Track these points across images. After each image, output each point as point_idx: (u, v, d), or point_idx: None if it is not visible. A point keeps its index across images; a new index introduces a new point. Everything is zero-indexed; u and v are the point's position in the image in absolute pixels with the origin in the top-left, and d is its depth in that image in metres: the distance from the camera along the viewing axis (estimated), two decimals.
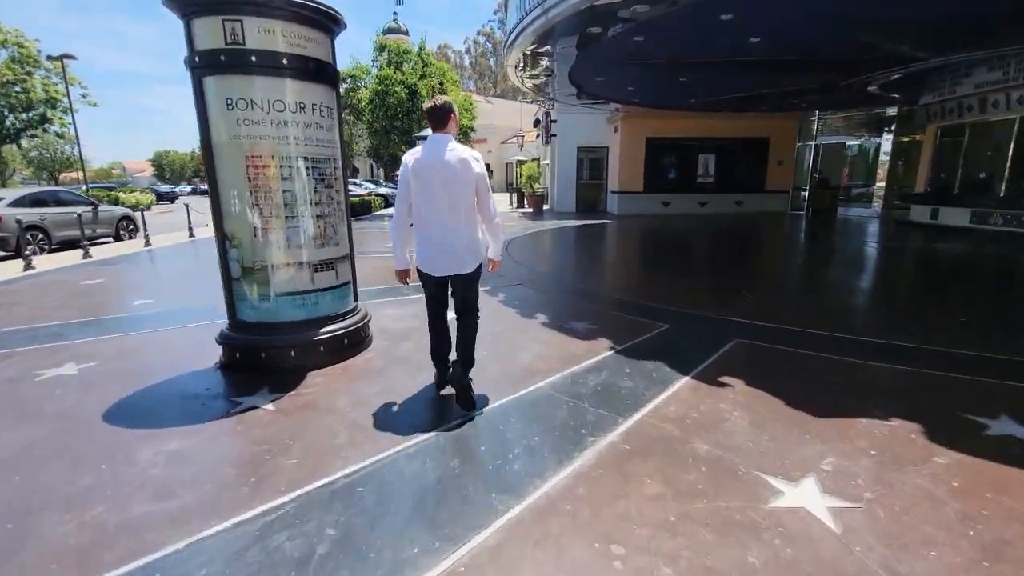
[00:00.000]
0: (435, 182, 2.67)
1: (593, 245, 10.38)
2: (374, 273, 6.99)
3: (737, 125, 15.99)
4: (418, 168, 2.69)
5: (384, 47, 16.21)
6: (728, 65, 8.52)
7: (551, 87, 11.13)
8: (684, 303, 5.16)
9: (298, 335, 3.45)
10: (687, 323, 4.55)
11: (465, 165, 2.67)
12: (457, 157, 2.66)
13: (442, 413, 2.85)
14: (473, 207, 2.77)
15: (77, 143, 22.07)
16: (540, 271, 7.11)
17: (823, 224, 13.32)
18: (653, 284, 6.32)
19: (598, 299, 5.52)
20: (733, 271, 7.41)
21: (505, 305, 5.24)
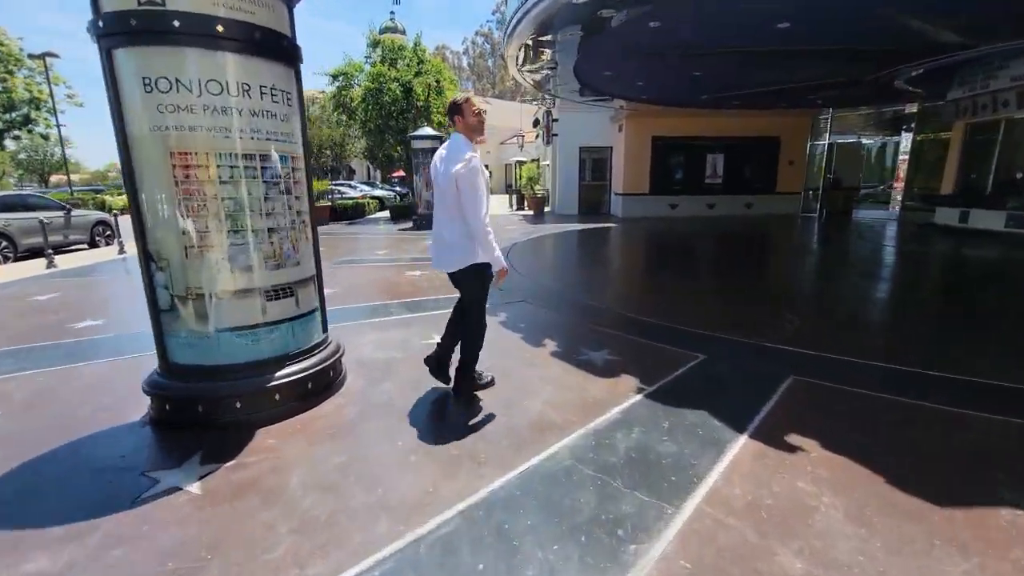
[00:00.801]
0: (434, 178, 2.88)
1: (600, 252, 9.64)
2: (362, 287, 6.25)
3: (747, 124, 15.27)
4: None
5: (378, 43, 15.48)
6: (749, 57, 7.81)
7: (553, 83, 10.43)
8: (715, 325, 4.42)
9: (246, 381, 2.71)
10: (725, 352, 3.81)
11: (446, 163, 2.73)
12: (441, 155, 2.81)
13: (426, 500, 2.11)
14: (457, 206, 2.71)
15: (61, 144, 21.28)
16: (545, 284, 6.38)
17: (840, 227, 12.60)
18: (674, 300, 5.59)
19: (614, 320, 4.79)
20: (760, 283, 6.68)
21: (508, 328, 4.50)
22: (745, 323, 4.54)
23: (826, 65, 8.41)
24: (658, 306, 5.23)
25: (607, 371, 3.46)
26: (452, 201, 2.71)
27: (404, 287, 6.11)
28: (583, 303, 5.42)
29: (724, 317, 4.76)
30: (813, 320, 4.68)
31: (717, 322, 4.54)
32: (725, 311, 5.04)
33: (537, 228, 12.94)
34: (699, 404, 2.91)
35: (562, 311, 5.13)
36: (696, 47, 7.35)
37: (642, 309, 5.09)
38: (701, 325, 4.44)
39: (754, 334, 4.18)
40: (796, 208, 16.07)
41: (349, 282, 6.58)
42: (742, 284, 6.50)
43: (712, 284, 6.53)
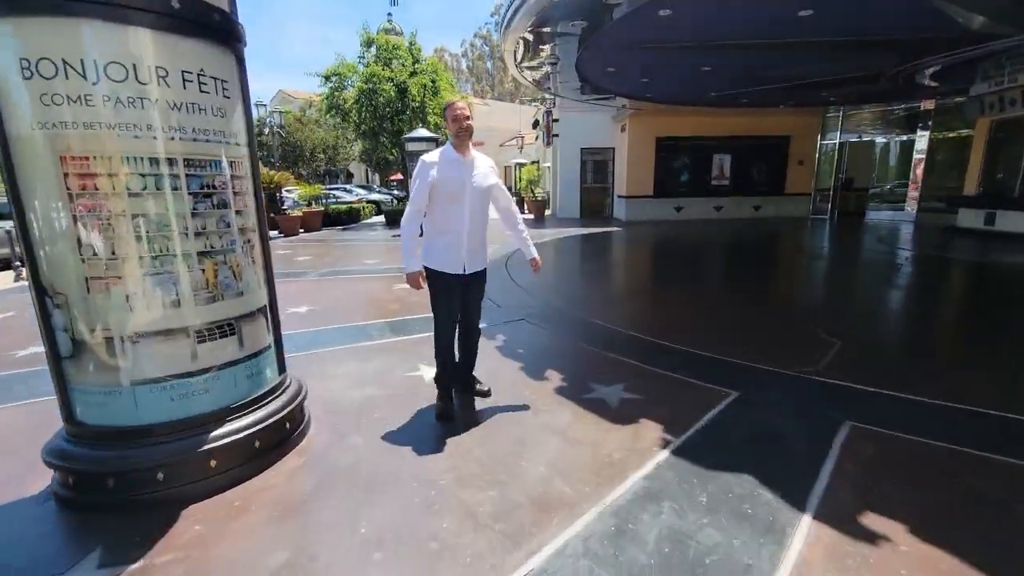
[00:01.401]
0: None
1: (605, 260, 9.07)
2: (345, 303, 5.67)
3: (755, 122, 14.71)
4: None
5: (372, 42, 14.94)
6: (764, 49, 7.26)
7: (553, 80, 9.89)
8: (742, 349, 3.85)
9: (171, 445, 2.14)
10: (760, 385, 3.24)
11: None
12: None
13: None
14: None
15: None
16: (547, 298, 5.80)
17: (855, 230, 12.03)
18: (691, 318, 5.01)
19: (625, 343, 4.21)
20: (785, 297, 6.10)
21: (505, 354, 3.92)
22: (777, 347, 3.97)
23: (847, 58, 7.85)
24: (674, 325, 4.65)
25: (624, 415, 2.88)
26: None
27: (391, 304, 5.54)
28: (589, 322, 4.84)
29: (751, 339, 4.18)
30: (855, 343, 4.10)
31: (743, 346, 3.96)
32: (750, 331, 4.46)
33: (537, 233, 12.37)
34: (742, 465, 2.33)
35: (566, 332, 4.55)
36: (708, 39, 6.80)
37: (656, 329, 4.51)
38: (726, 349, 3.87)
39: (790, 361, 3.60)
40: (806, 210, 15.49)
41: (332, 297, 6.01)
42: (764, 298, 5.92)
43: (731, 298, 5.94)
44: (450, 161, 2.69)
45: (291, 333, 4.49)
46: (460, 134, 2.68)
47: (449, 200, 2.70)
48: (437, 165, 2.67)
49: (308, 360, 3.82)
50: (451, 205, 2.71)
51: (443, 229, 2.75)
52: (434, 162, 2.68)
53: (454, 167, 2.68)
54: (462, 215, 2.72)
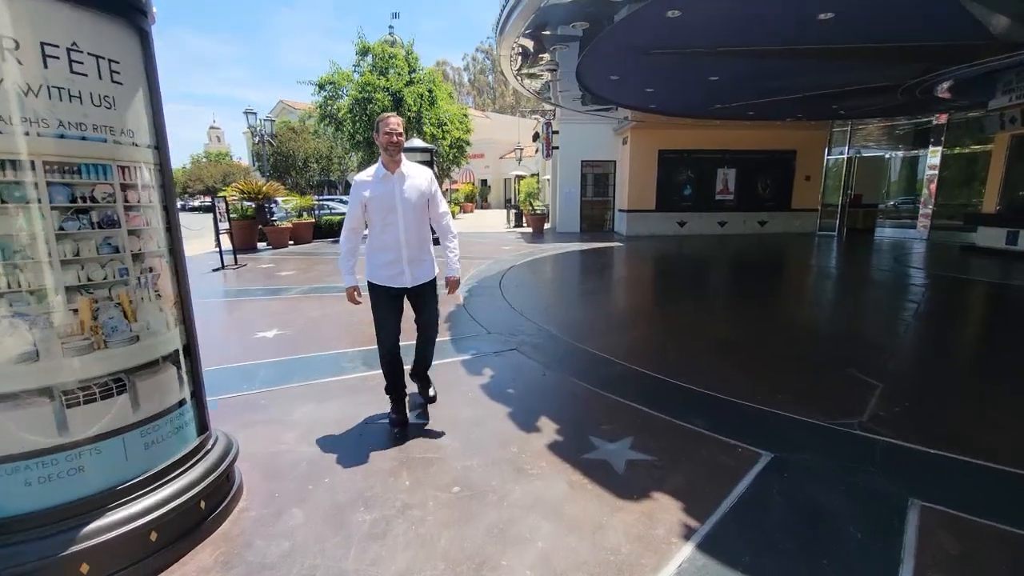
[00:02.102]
0: None
1: (606, 279, 8.54)
2: (320, 326, 5.10)
3: (760, 136, 14.31)
4: None
5: (367, 51, 14.58)
6: (778, 56, 6.81)
7: (553, 89, 9.46)
8: (769, 391, 3.30)
9: (25, 547, 1.57)
10: (797, 443, 2.68)
11: None
12: None
13: None
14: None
15: None
16: (543, 323, 5.25)
17: (867, 249, 11.52)
18: (704, 351, 4.45)
19: (631, 382, 3.65)
20: (808, 326, 5.55)
21: (491, 395, 3.36)
22: (806, 388, 3.41)
23: (865, 67, 7.40)
24: (684, 358, 4.09)
25: (632, 485, 2.32)
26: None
27: (371, 328, 4.98)
28: (589, 353, 4.28)
29: (775, 378, 3.62)
30: (898, 385, 3.54)
31: (767, 386, 3.41)
32: (773, 367, 3.90)
33: (535, 248, 11.86)
34: (789, 569, 1.77)
35: (563, 365, 3.99)
36: (719, 44, 6.35)
37: (665, 363, 3.95)
38: (747, 391, 3.31)
39: (826, 408, 3.04)
40: (813, 226, 15.02)
41: (307, 319, 5.46)
42: (784, 325, 5.37)
43: (746, 325, 5.39)
44: (380, 178, 2.72)
45: (249, 365, 3.94)
46: (389, 148, 2.68)
47: (384, 216, 2.73)
48: (368, 184, 2.72)
49: (259, 401, 3.26)
50: (386, 221, 2.74)
51: (382, 246, 2.79)
52: (366, 181, 2.74)
53: (385, 183, 2.71)
54: (397, 230, 2.75)
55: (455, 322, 5.27)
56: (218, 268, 9.31)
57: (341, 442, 2.76)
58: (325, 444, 2.73)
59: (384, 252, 2.78)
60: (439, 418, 3.03)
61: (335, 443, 2.74)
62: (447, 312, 5.70)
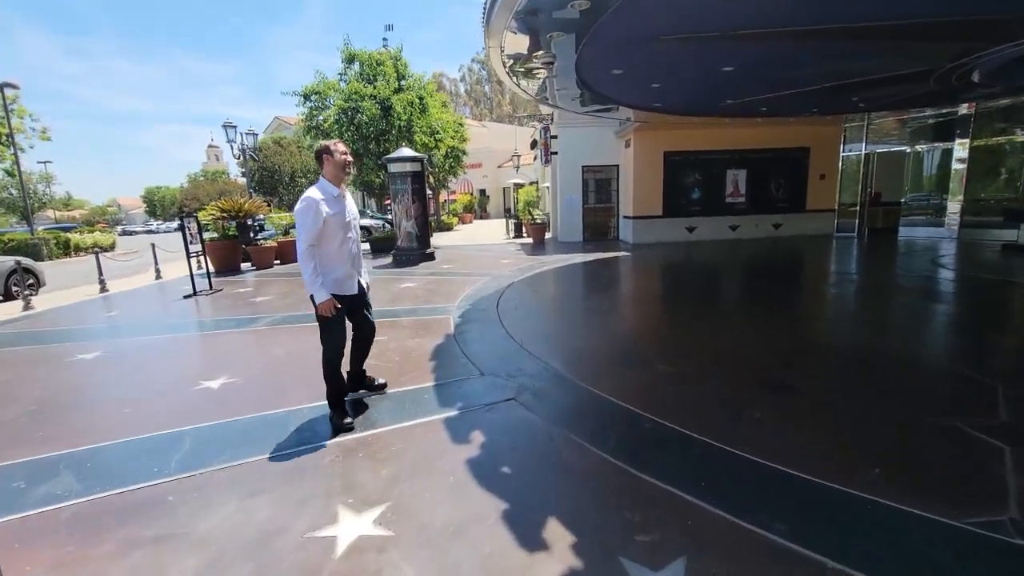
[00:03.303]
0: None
1: (617, 296, 7.66)
2: (280, 370, 4.21)
3: (771, 134, 13.50)
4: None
5: (353, 58, 13.87)
6: (802, 40, 5.99)
7: (550, 87, 8.67)
8: (859, 463, 2.42)
9: None
10: (928, 566, 1.79)
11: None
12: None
13: None
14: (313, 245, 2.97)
15: (19, 177, 19.70)
16: (546, 358, 4.37)
17: (895, 250, 10.63)
18: (754, 392, 3.55)
19: (671, 450, 2.76)
20: (866, 348, 4.65)
21: (478, 478, 2.49)
22: (908, 457, 2.52)
23: (900, 52, 6.57)
24: (731, 409, 3.20)
25: None
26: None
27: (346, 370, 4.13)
28: (606, 404, 3.39)
29: (859, 439, 2.73)
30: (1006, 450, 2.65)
31: (853, 453, 2.53)
32: (850, 422, 3.01)
33: (536, 261, 11.01)
34: None
35: (575, 424, 3.10)
36: (738, 27, 5.54)
37: (707, 418, 3.06)
38: (830, 462, 2.43)
39: (948, 494, 2.16)
40: (830, 228, 14.13)
41: (269, 360, 4.61)
42: (838, 352, 4.46)
43: (795, 355, 4.45)
44: (334, 197, 3.00)
45: (172, 433, 3.08)
46: (346, 172, 3.07)
47: (343, 232, 3.03)
48: (326, 202, 2.92)
49: (164, 498, 2.40)
50: (345, 237, 3.04)
51: (339, 260, 3.05)
52: (322, 199, 2.92)
53: (339, 202, 3.02)
54: (349, 242, 3.08)
55: (442, 360, 4.40)
56: (189, 295, 8.51)
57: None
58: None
59: (340, 265, 3.07)
60: (406, 519, 2.16)
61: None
62: (434, 345, 4.84)
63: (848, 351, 4.36)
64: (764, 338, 4.84)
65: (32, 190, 40.21)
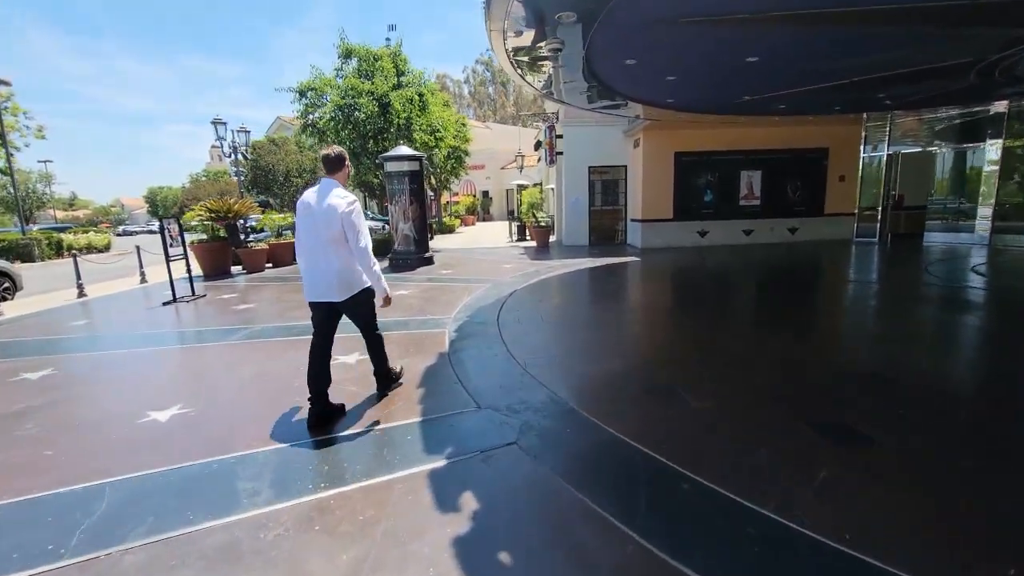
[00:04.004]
0: (306, 216, 3.08)
1: (629, 307, 7.04)
2: (246, 391, 3.60)
3: (788, 134, 12.86)
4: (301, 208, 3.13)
5: (351, 53, 13.31)
6: (841, 25, 5.38)
7: (556, 81, 8.07)
8: (966, 552, 1.79)
9: None
10: None
11: (330, 202, 3.02)
12: (319, 195, 3.06)
13: None
14: (340, 241, 3.03)
15: (11, 176, 19.22)
16: (554, 386, 3.76)
17: (925, 257, 9.97)
18: (811, 438, 2.94)
19: (726, 534, 2.13)
20: (937, 376, 4.02)
21: (465, 569, 1.87)
22: (998, 529, 1.89)
23: (950, 37, 5.92)
24: (785, 466, 2.57)
25: None
26: (334, 235, 3.00)
27: (300, 410, 3.52)
28: (628, 455, 2.76)
29: (967, 517, 2.10)
30: None
31: (961, 534, 1.90)
32: (945, 484, 2.38)
33: (541, 266, 10.39)
34: None
35: (591, 487, 2.47)
36: (770, 8, 4.92)
37: (755, 477, 2.44)
38: (919, 551, 1.80)
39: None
40: (850, 232, 13.46)
41: (235, 382, 4.01)
42: (902, 384, 3.83)
43: (849, 387, 3.85)
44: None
45: (91, 487, 2.47)
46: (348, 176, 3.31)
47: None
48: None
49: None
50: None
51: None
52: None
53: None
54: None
55: (433, 386, 3.79)
56: (169, 301, 7.93)
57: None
58: None
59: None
60: None
61: None
62: (425, 367, 4.23)
63: (913, 381, 3.71)
64: (806, 364, 4.19)
65: (31, 189, 39.90)
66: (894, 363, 4.14)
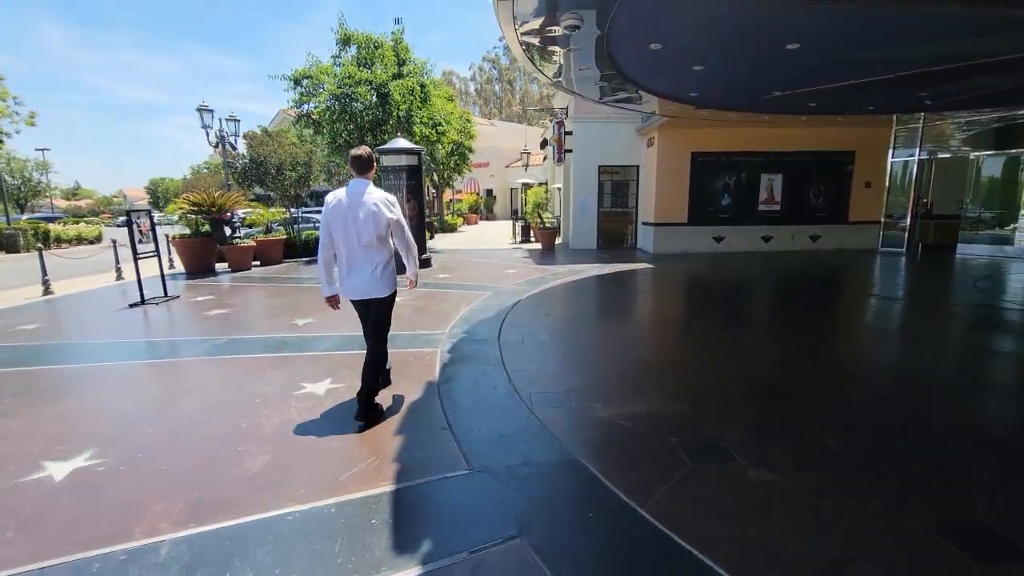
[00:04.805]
0: (347, 216, 3.05)
1: (652, 327, 6.25)
2: (184, 432, 2.81)
3: (813, 135, 12.05)
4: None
5: (349, 40, 12.53)
6: (902, 4, 4.58)
7: (567, 70, 7.28)
8: None
9: None
10: None
11: (375, 203, 3.06)
12: (363, 195, 3.06)
13: None
14: (385, 240, 3.15)
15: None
16: (569, 443, 2.97)
17: (960, 271, 9.15)
18: (942, 552, 2.15)
19: None
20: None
21: None
22: None
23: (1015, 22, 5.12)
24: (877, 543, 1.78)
25: None
26: (382, 234, 3.09)
27: (264, 448, 2.73)
28: (677, 562, 1.99)
29: None
30: None
31: None
32: None
33: (546, 271, 9.60)
34: None
35: None
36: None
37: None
38: None
39: None
40: (875, 241, 12.64)
41: (168, 418, 3.22)
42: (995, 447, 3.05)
43: (962, 452, 3.08)
44: None
45: None
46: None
47: None
48: None
49: None
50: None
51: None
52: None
53: None
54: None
55: (415, 432, 3.01)
56: (136, 303, 7.17)
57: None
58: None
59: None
60: None
61: None
62: (409, 402, 3.45)
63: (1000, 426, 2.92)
64: (892, 413, 3.39)
65: (27, 177, 39.23)
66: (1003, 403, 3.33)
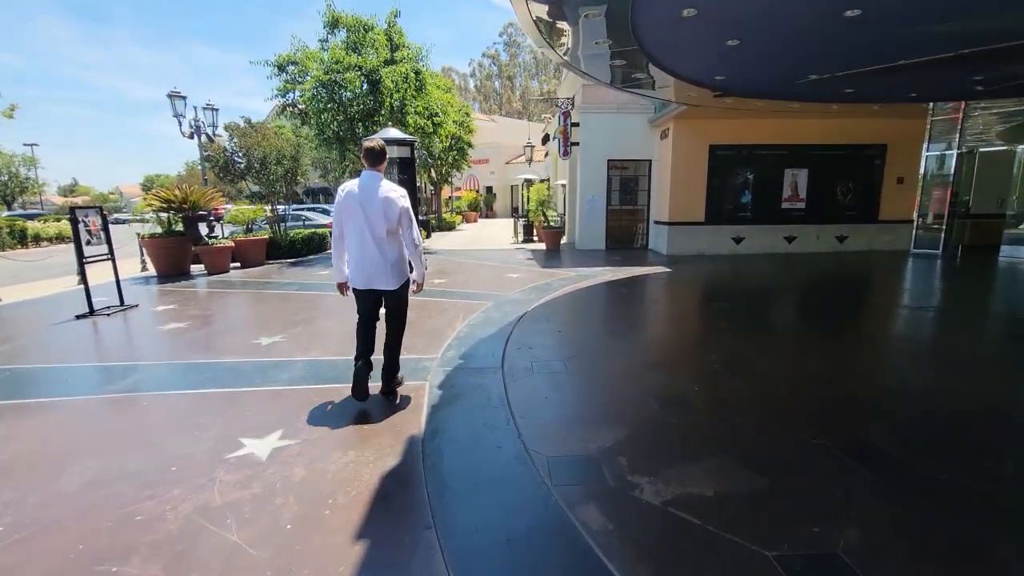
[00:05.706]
0: (359, 207, 3.07)
1: (683, 349, 5.30)
2: (66, 541, 1.89)
3: (841, 127, 11.09)
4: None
5: (337, 22, 11.54)
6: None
7: (578, 45, 6.30)
8: None
9: None
10: None
11: (387, 195, 3.07)
12: (375, 188, 3.07)
13: None
14: (396, 233, 3.17)
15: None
16: (606, 553, 2.03)
17: (1008, 277, 8.21)
18: None
19: None
20: None
21: None
22: None
23: None
24: None
25: None
26: (392, 227, 3.11)
27: (159, 563, 1.79)
28: None
29: None
30: None
31: None
32: None
33: (553, 275, 8.64)
34: None
35: None
36: None
37: None
38: None
39: None
40: (907, 242, 11.69)
41: (38, 509, 2.27)
42: None
43: None
44: None
45: None
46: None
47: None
48: None
49: None
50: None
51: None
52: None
53: None
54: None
55: (385, 541, 2.05)
56: (84, 314, 6.22)
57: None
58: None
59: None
60: None
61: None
62: (380, 475, 2.50)
63: None
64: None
65: (13, 173, 38.17)
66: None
